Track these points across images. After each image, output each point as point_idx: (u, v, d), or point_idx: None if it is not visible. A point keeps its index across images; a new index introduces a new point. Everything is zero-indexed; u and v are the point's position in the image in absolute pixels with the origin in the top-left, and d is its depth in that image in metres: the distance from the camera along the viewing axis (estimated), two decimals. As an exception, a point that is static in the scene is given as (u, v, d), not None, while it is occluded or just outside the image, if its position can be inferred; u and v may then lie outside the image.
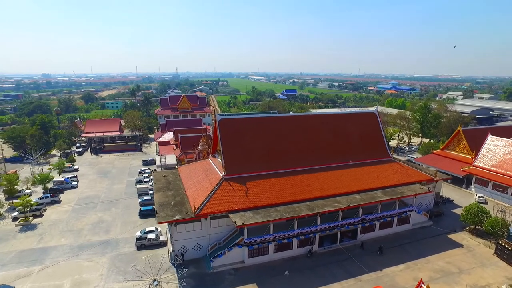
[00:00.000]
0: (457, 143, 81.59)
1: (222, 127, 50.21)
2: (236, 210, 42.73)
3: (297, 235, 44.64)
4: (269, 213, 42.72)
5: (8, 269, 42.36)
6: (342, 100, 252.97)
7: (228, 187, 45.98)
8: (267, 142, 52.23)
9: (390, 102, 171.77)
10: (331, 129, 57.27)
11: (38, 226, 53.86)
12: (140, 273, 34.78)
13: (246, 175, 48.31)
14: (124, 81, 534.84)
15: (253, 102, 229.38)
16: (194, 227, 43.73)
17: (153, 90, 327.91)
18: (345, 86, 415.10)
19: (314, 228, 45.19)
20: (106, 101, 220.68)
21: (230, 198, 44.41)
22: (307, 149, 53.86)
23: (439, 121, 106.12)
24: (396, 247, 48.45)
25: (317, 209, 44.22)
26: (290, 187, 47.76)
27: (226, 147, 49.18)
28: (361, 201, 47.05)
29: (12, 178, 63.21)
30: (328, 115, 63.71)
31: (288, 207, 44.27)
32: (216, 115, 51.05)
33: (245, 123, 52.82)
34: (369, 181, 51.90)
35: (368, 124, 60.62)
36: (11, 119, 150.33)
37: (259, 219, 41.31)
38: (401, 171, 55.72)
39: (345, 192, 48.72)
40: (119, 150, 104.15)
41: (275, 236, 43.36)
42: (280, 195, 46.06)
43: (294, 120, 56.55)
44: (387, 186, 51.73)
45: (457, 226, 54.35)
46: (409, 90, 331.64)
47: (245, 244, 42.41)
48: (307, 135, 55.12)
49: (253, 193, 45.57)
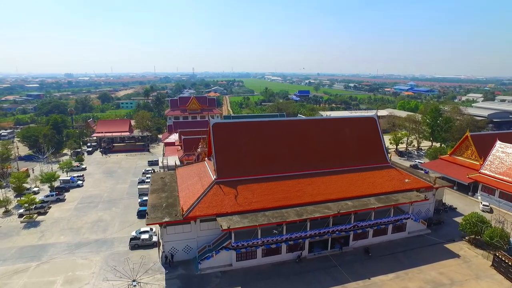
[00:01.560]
0: (465, 149, 79.02)
1: (216, 131, 50.83)
2: (224, 214, 43.22)
3: (286, 240, 44.65)
4: (256, 217, 42.96)
5: (8, 264, 44.49)
6: (356, 102, 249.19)
7: (219, 191, 46.53)
8: (261, 146, 52.44)
9: (402, 105, 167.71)
10: (327, 134, 56.81)
11: (41, 224, 56.20)
12: (122, 273, 35.77)
13: (237, 179, 48.72)
14: (141, 81, 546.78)
15: (265, 103, 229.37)
16: (184, 229, 44.53)
17: (168, 90, 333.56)
18: (361, 87, 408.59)
19: (303, 234, 45.05)
20: (121, 101, 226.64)
21: (220, 201, 44.94)
22: (302, 154, 53.68)
23: (450, 125, 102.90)
24: (389, 255, 47.60)
25: (305, 215, 44.10)
26: (281, 192, 47.80)
27: (218, 151, 49.77)
28: (352, 208, 46.54)
29: (21, 176, 66.21)
30: (324, 120, 63.22)
31: (276, 212, 44.37)
32: (209, 118, 51.70)
33: (239, 127, 53.25)
34: (363, 187, 51.20)
35: (366, 129, 59.72)
36: (31, 118, 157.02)
37: (246, 223, 41.65)
38: (398, 178, 54.62)
39: (337, 198, 48.27)
40: (127, 150, 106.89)
41: (263, 240, 43.53)
42: (270, 200, 46.19)
43: (290, 124, 56.45)
44: (382, 192, 50.85)
45: (456, 235, 52.78)
46: (426, 91, 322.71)
47: (232, 247, 42.83)
48: (302, 140, 54.92)
49: (242, 197, 45.94)
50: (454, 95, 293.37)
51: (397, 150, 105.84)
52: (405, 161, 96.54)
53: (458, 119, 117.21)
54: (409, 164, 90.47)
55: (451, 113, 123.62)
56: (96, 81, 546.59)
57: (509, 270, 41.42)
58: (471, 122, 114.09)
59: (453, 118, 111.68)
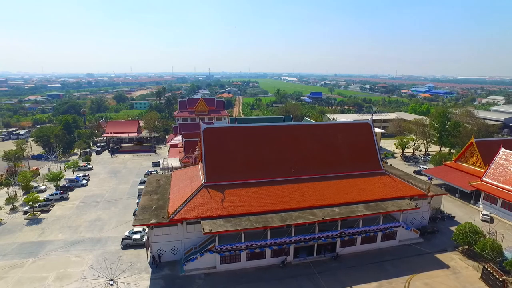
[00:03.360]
0: (470, 155, 76.93)
1: (206, 136, 51.93)
2: (209, 217, 44.18)
3: (270, 245, 45.16)
4: (240, 222, 43.69)
5: (7, 259, 47.13)
6: (369, 104, 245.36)
7: (206, 194, 47.59)
8: (251, 151, 53.14)
9: (414, 108, 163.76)
10: (319, 140, 56.86)
11: (43, 221, 59.02)
12: (100, 272, 37.28)
13: (226, 183, 49.64)
14: (158, 81, 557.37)
15: (276, 104, 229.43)
16: (171, 231, 45.83)
17: (183, 91, 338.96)
18: (376, 89, 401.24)
19: (287, 239, 45.43)
20: (135, 102, 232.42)
21: (206, 205, 45.98)
22: (292, 160, 54.00)
23: (459, 130, 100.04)
24: (376, 263, 47.22)
25: (289, 220, 44.46)
26: (268, 197, 48.33)
27: (208, 155, 50.85)
28: (338, 215, 46.50)
29: (28, 175, 69.64)
30: (317, 125, 63.15)
31: (260, 217, 44.96)
32: (201, 123, 52.89)
33: (230, 132, 54.16)
34: (353, 194, 50.97)
35: (361, 135, 59.29)
36: (48, 118, 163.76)
37: (228, 227, 42.48)
38: (391, 185, 53.99)
39: (325, 205, 48.31)
40: (134, 150, 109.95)
41: (247, 244, 44.23)
42: (256, 205, 46.80)
43: (282, 130, 56.78)
44: (372, 200, 50.45)
45: (449, 245, 51.68)
46: (444, 94, 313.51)
47: (216, 250, 43.75)
48: (293, 146, 55.24)
49: (229, 201, 46.79)
50: (473, 97, 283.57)
51: (403, 155, 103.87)
52: (410, 166, 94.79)
53: (469, 123, 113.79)
54: (413, 170, 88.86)
55: (462, 116, 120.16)
56: (114, 81, 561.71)
57: (496, 283, 40.35)
58: (483, 126, 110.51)
59: (463, 123, 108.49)
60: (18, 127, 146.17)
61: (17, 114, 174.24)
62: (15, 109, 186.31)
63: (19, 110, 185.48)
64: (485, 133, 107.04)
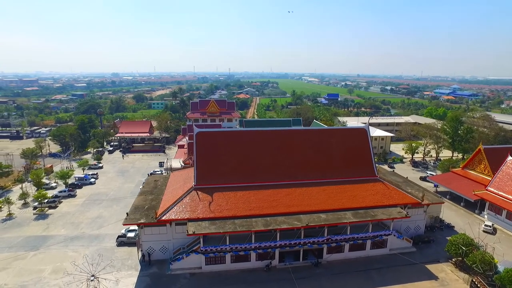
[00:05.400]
0: (478, 163, 74.24)
1: (199, 139, 53.35)
2: (195, 219, 45.56)
3: (254, 249, 45.93)
4: (224, 225, 44.75)
5: (13, 251, 50.63)
6: (387, 106, 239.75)
7: (195, 197, 49.02)
8: (242, 155, 54.08)
9: (430, 111, 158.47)
10: (312, 145, 56.91)
11: (50, 216, 62.67)
12: (82, 267, 39.49)
13: (216, 186, 50.86)
14: (180, 81, 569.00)
15: (291, 106, 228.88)
16: (160, 231, 47.60)
17: (201, 91, 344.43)
18: (397, 90, 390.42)
19: (272, 244, 46.04)
20: (152, 102, 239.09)
21: (194, 207, 47.38)
22: (283, 165, 54.44)
23: (472, 135, 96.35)
24: (362, 271, 46.89)
25: (273, 225, 45.05)
26: (256, 201, 49.08)
27: (199, 159, 52.26)
28: (324, 221, 46.56)
29: (39, 172, 73.98)
30: (311, 130, 63.26)
31: (245, 220, 45.79)
32: (194, 127, 54.39)
33: (222, 136, 55.39)
34: (343, 201, 50.77)
35: (356, 140, 58.78)
36: (70, 117, 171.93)
37: (212, 229, 43.67)
38: (383, 192, 53.28)
39: (312, 210, 48.45)
40: (145, 150, 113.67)
41: (231, 247, 45.24)
42: (243, 208, 47.69)
43: (274, 135, 57.27)
44: (362, 207, 50.03)
45: (443, 256, 50.38)
46: (469, 96, 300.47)
47: (201, 251, 45.06)
48: (285, 151, 55.64)
49: (216, 204, 47.97)
50: (499, 100, 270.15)
51: (413, 160, 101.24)
52: (417, 172, 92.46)
53: (485, 127, 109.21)
54: (419, 176, 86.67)
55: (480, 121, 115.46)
56: (137, 81, 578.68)
57: (482, 298, 39.20)
58: (501, 132, 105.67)
59: (478, 127, 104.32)
60: (41, 125, 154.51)
61: (42, 113, 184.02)
62: (41, 108, 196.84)
63: (44, 109, 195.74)
64: (502, 139, 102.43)
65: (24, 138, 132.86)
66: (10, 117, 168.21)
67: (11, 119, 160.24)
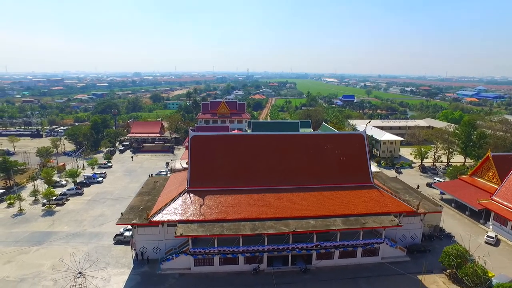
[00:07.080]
0: (487, 170, 71.57)
1: (193, 143, 54.58)
2: (185, 221, 46.75)
3: (242, 252, 46.61)
4: (213, 227, 45.69)
5: (18, 245, 53.74)
6: (405, 108, 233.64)
7: (187, 199, 50.27)
8: (236, 159, 54.83)
9: (445, 114, 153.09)
10: (308, 150, 56.85)
11: (56, 213, 65.86)
12: (70, 265, 41.40)
13: (208, 189, 51.90)
14: (199, 81, 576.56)
15: (304, 107, 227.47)
16: (153, 231, 49.19)
17: (218, 91, 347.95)
18: (418, 92, 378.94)
19: (260, 248, 46.54)
20: (168, 102, 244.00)
21: (185, 209, 48.63)
22: (277, 169, 54.74)
23: (485, 141, 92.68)
24: (350, 279, 46.55)
25: (260, 229, 45.55)
26: (246, 205, 49.71)
27: (193, 162, 53.45)
28: (312, 227, 46.58)
29: (50, 171, 77.73)
30: (308, 135, 63.00)
31: (233, 224, 46.56)
32: (189, 130, 55.63)
33: (217, 140, 56.30)
34: (334, 207, 50.51)
35: (352, 146, 58.15)
36: (87, 116, 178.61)
37: (200, 232, 44.71)
38: (377, 199, 52.54)
39: (301, 216, 48.54)
40: (155, 150, 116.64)
41: (219, 249, 46.13)
42: (232, 212, 48.47)
43: (269, 139, 57.65)
44: (353, 214, 49.62)
45: (437, 267, 49.12)
46: (494, 98, 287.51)
47: (190, 253, 46.21)
48: (279, 155, 55.91)
49: (207, 207, 49.00)
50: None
51: (422, 165, 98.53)
52: (425, 178, 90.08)
53: (502, 131, 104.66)
54: (426, 182, 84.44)
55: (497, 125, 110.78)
56: (158, 80, 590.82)
57: (469, 312, 38.09)
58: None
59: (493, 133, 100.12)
60: (60, 124, 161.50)
61: (62, 112, 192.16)
62: (62, 107, 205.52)
63: (65, 109, 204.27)
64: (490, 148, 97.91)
65: (44, 137, 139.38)
66: (32, 116, 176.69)
67: (32, 118, 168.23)
